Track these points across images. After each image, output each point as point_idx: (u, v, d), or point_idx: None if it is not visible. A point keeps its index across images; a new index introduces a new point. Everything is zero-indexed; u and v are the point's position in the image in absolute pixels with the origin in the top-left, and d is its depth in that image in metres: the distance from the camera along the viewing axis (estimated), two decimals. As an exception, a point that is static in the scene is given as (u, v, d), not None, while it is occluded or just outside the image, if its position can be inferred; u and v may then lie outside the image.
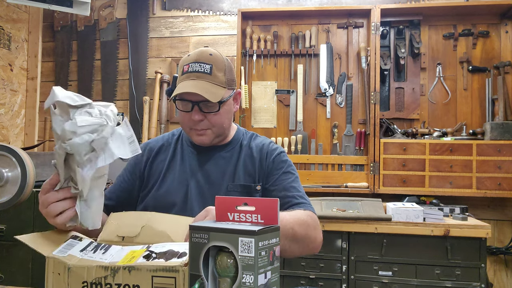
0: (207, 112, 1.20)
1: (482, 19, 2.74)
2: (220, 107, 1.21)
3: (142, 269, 0.68)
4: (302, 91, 2.86)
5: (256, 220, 0.67)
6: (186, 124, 1.24)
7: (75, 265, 0.71)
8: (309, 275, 2.28)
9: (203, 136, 1.23)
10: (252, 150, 1.30)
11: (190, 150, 1.31)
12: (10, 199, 1.68)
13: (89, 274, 0.70)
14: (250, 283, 0.59)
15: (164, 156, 1.32)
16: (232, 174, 1.26)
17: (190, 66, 1.20)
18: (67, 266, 0.71)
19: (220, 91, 1.19)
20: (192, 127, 1.23)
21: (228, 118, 1.26)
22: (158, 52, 3.15)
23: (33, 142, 3.18)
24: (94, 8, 3.21)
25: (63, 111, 0.77)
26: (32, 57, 3.25)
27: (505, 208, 2.66)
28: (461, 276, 2.16)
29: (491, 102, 2.67)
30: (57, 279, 0.72)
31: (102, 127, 0.80)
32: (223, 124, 1.24)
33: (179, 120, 1.27)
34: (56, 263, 0.73)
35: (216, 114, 1.21)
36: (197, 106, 1.18)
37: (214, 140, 1.26)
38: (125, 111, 3.17)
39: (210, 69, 1.19)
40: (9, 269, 2.40)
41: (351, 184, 2.69)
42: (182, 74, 1.21)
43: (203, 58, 1.20)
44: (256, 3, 3.04)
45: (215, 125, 1.23)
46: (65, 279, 0.71)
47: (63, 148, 0.77)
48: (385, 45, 2.80)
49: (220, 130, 1.25)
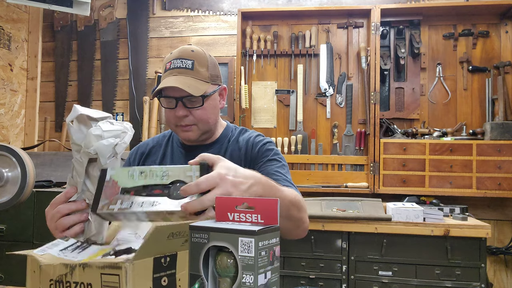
0: (191, 108, 1.21)
1: (482, 19, 2.74)
2: (204, 101, 1.21)
3: (92, 266, 0.67)
4: (302, 91, 2.86)
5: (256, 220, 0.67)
6: (171, 122, 1.24)
7: (45, 263, 0.71)
8: (309, 275, 2.28)
9: (189, 132, 1.24)
10: (239, 144, 1.30)
11: (179, 151, 1.32)
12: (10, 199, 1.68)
13: (54, 272, 0.69)
14: (250, 283, 0.59)
15: (154, 157, 1.33)
16: None
17: (172, 63, 1.21)
18: (39, 264, 0.70)
19: (202, 86, 1.20)
20: (178, 124, 1.23)
21: (213, 113, 1.26)
22: (158, 52, 3.15)
23: (33, 142, 3.19)
24: (94, 8, 3.21)
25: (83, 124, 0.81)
26: (32, 57, 3.25)
27: (505, 208, 2.66)
28: (461, 276, 2.16)
29: (491, 102, 2.67)
30: (32, 277, 0.72)
31: (123, 133, 0.85)
32: (208, 119, 1.25)
33: (165, 117, 1.28)
34: (33, 260, 0.72)
35: (201, 109, 1.22)
36: (181, 102, 1.20)
37: (201, 136, 1.26)
38: (125, 111, 3.18)
39: (192, 65, 1.21)
40: (9, 269, 2.40)
41: (351, 184, 2.69)
42: (165, 71, 1.23)
43: (185, 55, 1.22)
44: (256, 3, 3.04)
45: (200, 121, 1.23)
46: (38, 276, 0.71)
47: (86, 154, 0.80)
48: (385, 45, 2.80)
49: (206, 126, 1.25)
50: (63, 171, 2.69)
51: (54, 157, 2.74)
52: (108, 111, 3.19)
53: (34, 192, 2.41)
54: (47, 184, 2.57)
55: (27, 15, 3.23)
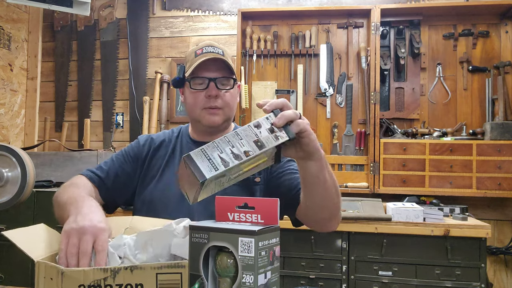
0: (222, 89, 1.23)
1: (482, 19, 2.74)
2: (234, 85, 1.26)
3: (145, 267, 0.68)
4: (302, 91, 2.86)
5: (256, 220, 0.67)
6: (199, 104, 1.24)
7: (69, 269, 0.70)
8: (309, 275, 2.28)
9: (216, 116, 1.24)
10: None
11: (189, 146, 1.31)
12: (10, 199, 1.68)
13: (86, 277, 0.69)
14: (250, 283, 0.59)
15: (164, 151, 1.32)
16: None
17: (204, 49, 1.24)
18: (61, 271, 0.69)
19: (233, 72, 1.26)
20: (206, 106, 1.23)
21: (235, 102, 1.30)
22: (158, 52, 3.15)
23: (33, 142, 3.18)
24: (94, 8, 3.21)
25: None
26: (32, 57, 3.25)
27: (505, 208, 2.66)
28: (461, 276, 2.16)
29: (491, 102, 2.67)
30: (49, 284, 0.70)
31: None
32: (233, 105, 1.27)
33: (189, 103, 1.27)
34: (48, 267, 0.71)
35: (229, 93, 1.24)
36: (214, 82, 1.22)
37: (223, 123, 1.27)
38: (125, 111, 3.18)
39: (223, 53, 1.26)
40: (9, 269, 2.40)
41: (351, 184, 2.69)
42: (196, 56, 1.24)
43: (215, 44, 1.27)
44: (256, 3, 3.04)
45: (227, 105, 1.25)
46: (58, 283, 0.69)
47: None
48: (385, 45, 2.80)
49: (230, 112, 1.27)
50: (63, 171, 2.69)
51: (54, 157, 2.74)
52: (108, 111, 3.20)
53: (34, 192, 2.41)
54: (47, 184, 2.57)
55: (27, 15, 3.23)
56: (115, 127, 3.18)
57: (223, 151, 0.70)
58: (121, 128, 3.17)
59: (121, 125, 3.17)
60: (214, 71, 1.22)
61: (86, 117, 3.20)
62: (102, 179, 1.23)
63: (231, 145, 0.71)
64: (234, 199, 0.70)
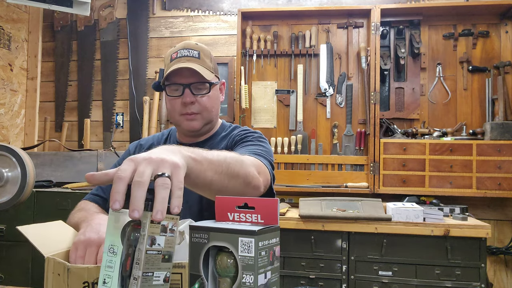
0: (197, 95, 1.23)
1: (482, 19, 2.74)
2: (210, 89, 1.24)
3: None
4: (302, 91, 2.86)
5: (256, 220, 0.67)
6: (176, 110, 1.25)
7: (74, 266, 0.72)
8: (309, 275, 2.28)
9: (194, 121, 1.24)
10: (229, 139, 1.31)
11: None
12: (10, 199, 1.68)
13: (90, 274, 0.71)
14: (250, 283, 0.59)
15: None
16: None
17: (178, 53, 1.23)
18: (67, 267, 0.72)
19: (209, 74, 1.24)
20: (183, 112, 1.24)
21: (216, 104, 1.29)
22: (158, 52, 3.15)
23: (33, 142, 3.18)
24: (94, 8, 3.21)
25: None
26: (32, 57, 3.25)
27: (505, 208, 2.66)
28: (461, 276, 2.16)
29: (491, 102, 2.67)
30: (56, 280, 0.73)
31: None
32: (212, 108, 1.27)
33: (168, 108, 1.28)
34: (56, 263, 0.73)
35: (206, 97, 1.24)
36: (188, 88, 1.21)
37: (203, 126, 1.27)
38: (125, 111, 3.18)
39: (198, 55, 1.24)
40: (9, 269, 2.40)
41: (351, 184, 2.69)
42: (171, 61, 1.24)
43: (190, 46, 1.25)
44: (256, 3, 3.04)
45: (205, 109, 1.25)
46: (64, 279, 0.71)
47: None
48: (385, 45, 2.80)
49: (209, 115, 1.27)
50: (63, 171, 2.69)
51: (54, 157, 2.74)
52: (108, 111, 3.20)
53: (34, 192, 2.41)
54: (47, 184, 2.57)
55: (27, 15, 3.23)
56: (115, 127, 3.18)
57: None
58: (121, 128, 3.17)
59: (121, 125, 3.17)
60: (188, 76, 1.21)
61: (86, 117, 3.20)
62: (104, 198, 1.26)
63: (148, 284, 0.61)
64: (234, 199, 0.70)
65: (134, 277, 0.60)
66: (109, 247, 0.61)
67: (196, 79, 1.22)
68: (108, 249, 0.61)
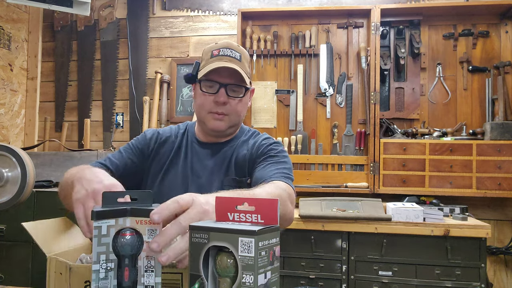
0: (231, 97, 1.21)
1: (482, 19, 2.74)
2: (245, 93, 1.23)
3: None
4: (302, 91, 2.86)
5: (256, 220, 0.67)
6: (206, 107, 1.23)
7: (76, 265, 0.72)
8: (309, 275, 2.28)
9: (221, 122, 1.23)
10: (248, 145, 1.30)
11: (194, 147, 1.31)
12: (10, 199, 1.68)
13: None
14: (250, 283, 0.59)
15: (169, 148, 1.31)
16: (226, 169, 1.27)
17: (221, 51, 1.21)
18: (68, 266, 0.72)
19: (247, 79, 1.23)
20: (212, 110, 1.22)
21: (245, 109, 1.28)
22: (158, 52, 3.15)
23: (33, 142, 3.19)
24: (94, 8, 3.21)
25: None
26: (32, 57, 3.25)
27: (505, 208, 2.66)
28: (461, 276, 2.16)
29: (491, 102, 2.67)
30: (58, 279, 0.73)
31: None
32: (240, 113, 1.26)
33: (197, 103, 1.26)
34: (58, 262, 0.74)
35: (239, 101, 1.23)
36: (224, 88, 1.20)
37: (228, 129, 1.26)
38: (125, 111, 3.18)
39: (240, 57, 1.23)
40: (9, 269, 2.40)
41: (351, 184, 2.69)
42: (211, 57, 1.21)
43: (233, 47, 1.24)
44: (256, 3, 3.04)
45: (235, 112, 1.24)
46: (66, 278, 0.72)
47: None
48: (385, 45, 2.80)
49: (236, 119, 1.26)
50: (63, 171, 2.68)
51: (54, 157, 2.74)
52: (108, 111, 3.20)
53: (34, 192, 2.41)
54: (47, 184, 2.57)
55: (27, 15, 3.23)
56: (115, 127, 3.18)
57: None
58: (121, 128, 3.17)
59: (121, 125, 3.17)
60: (227, 76, 1.20)
61: (86, 117, 3.20)
62: (111, 170, 1.23)
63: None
64: (234, 199, 0.70)
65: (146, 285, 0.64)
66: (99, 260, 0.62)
67: (234, 81, 1.21)
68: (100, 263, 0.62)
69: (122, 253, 0.64)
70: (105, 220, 0.64)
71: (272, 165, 1.20)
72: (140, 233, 0.65)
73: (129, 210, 0.67)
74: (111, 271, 0.64)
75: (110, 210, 0.65)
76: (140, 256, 0.65)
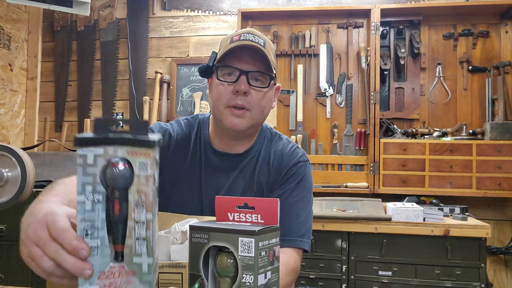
0: (253, 87, 1.03)
1: (482, 19, 2.74)
2: (269, 84, 1.05)
3: None
4: (302, 91, 2.86)
5: (256, 220, 0.67)
6: (223, 99, 1.03)
7: None
8: (309, 275, 2.28)
9: (240, 119, 1.04)
10: (270, 158, 1.15)
11: (209, 157, 1.14)
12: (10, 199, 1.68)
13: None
14: (250, 283, 0.59)
15: (183, 154, 1.14)
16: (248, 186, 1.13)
17: (242, 36, 1.02)
18: None
19: (273, 68, 1.05)
20: (231, 103, 1.03)
21: (268, 106, 1.10)
22: (158, 52, 3.15)
23: (33, 142, 3.18)
24: (94, 8, 3.21)
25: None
26: (32, 57, 3.25)
27: (505, 208, 2.66)
28: (461, 276, 2.16)
29: (491, 102, 2.67)
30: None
31: None
32: (264, 109, 1.07)
33: (213, 96, 1.06)
34: None
35: (262, 92, 1.04)
36: (245, 76, 1.01)
37: (248, 129, 1.07)
38: (125, 111, 3.18)
39: (264, 44, 1.03)
40: (9, 269, 2.40)
41: (351, 184, 2.69)
42: (231, 43, 1.03)
43: (256, 33, 1.05)
44: (256, 3, 3.04)
45: (257, 107, 1.04)
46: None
47: None
48: (385, 45, 2.80)
49: (259, 117, 1.07)
50: (63, 171, 2.69)
51: (54, 157, 2.74)
52: (108, 111, 3.20)
53: (34, 192, 2.40)
54: (47, 184, 2.57)
55: (27, 15, 3.23)
56: (115, 127, 3.17)
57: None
58: (121, 128, 3.16)
59: (121, 125, 3.16)
60: (249, 62, 1.01)
61: (86, 117, 3.20)
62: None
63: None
64: (234, 199, 0.70)
65: (137, 220, 0.57)
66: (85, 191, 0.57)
67: (257, 68, 1.02)
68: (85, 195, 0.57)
69: (113, 185, 0.57)
70: (90, 147, 0.58)
71: (292, 208, 1.06)
72: (131, 165, 0.59)
73: (121, 139, 0.61)
74: (98, 203, 0.57)
75: (96, 137, 0.59)
76: (131, 190, 0.58)
